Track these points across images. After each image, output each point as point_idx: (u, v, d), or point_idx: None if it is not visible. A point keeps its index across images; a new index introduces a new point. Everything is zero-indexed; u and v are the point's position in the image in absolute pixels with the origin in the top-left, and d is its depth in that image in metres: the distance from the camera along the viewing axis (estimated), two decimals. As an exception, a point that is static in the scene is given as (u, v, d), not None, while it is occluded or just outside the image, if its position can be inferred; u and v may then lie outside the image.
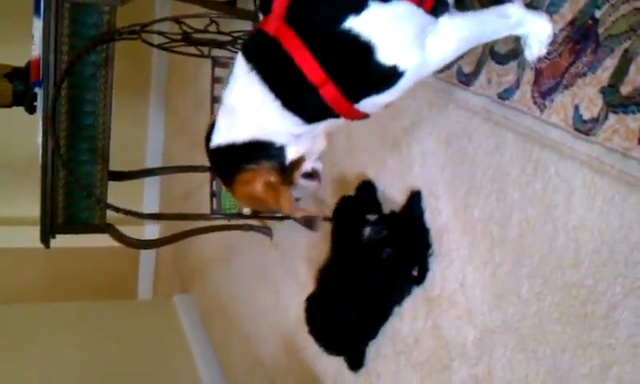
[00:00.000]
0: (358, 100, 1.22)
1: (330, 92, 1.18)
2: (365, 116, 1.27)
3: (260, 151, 1.26)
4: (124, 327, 3.88)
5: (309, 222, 1.43)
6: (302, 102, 1.21)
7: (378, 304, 1.82)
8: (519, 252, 1.42)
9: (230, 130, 1.27)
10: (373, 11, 1.14)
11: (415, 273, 1.71)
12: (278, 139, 1.25)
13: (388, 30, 1.16)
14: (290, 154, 1.27)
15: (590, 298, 1.24)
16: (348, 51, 1.16)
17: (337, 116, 1.25)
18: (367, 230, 1.75)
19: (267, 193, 1.26)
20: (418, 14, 1.18)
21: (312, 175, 1.36)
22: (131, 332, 3.85)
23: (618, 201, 1.19)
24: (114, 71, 2.55)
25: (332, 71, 1.17)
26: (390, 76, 1.19)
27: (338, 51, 1.17)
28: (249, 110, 1.24)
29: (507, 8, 1.29)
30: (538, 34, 1.31)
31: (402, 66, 1.18)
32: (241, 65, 1.23)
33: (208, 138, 1.31)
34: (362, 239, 1.76)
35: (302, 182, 1.34)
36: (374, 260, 1.72)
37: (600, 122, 1.21)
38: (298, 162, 1.30)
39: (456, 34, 1.23)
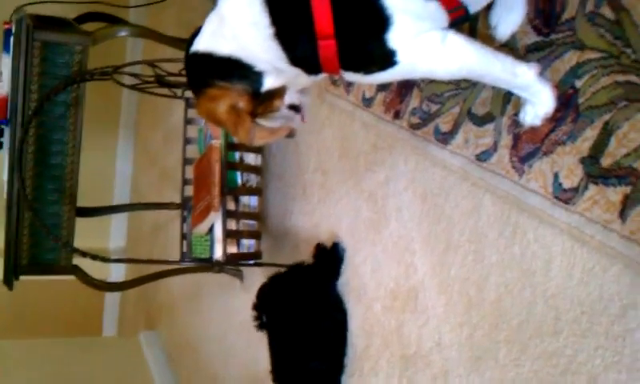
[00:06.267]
0: (348, 69, 1.17)
1: (328, 48, 1.13)
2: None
3: (236, 70, 1.19)
4: (88, 364, 3.80)
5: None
6: (296, 42, 1.15)
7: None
8: (497, 316, 1.41)
9: (212, 38, 1.21)
10: None
11: None
12: (258, 64, 1.19)
13: (411, 14, 1.09)
14: (267, 83, 1.21)
15: (570, 369, 1.23)
16: (367, 17, 1.09)
17: (318, 72, 1.20)
18: None
19: (229, 117, 1.21)
20: (441, 16, 1.12)
21: (295, 108, 1.30)
22: (96, 369, 3.76)
23: (599, 272, 1.18)
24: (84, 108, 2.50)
25: (341, 30, 1.11)
26: (385, 60, 1.13)
27: (359, 13, 1.10)
28: (238, 25, 1.17)
29: (518, 67, 1.20)
30: (537, 106, 1.24)
31: (398, 57, 1.12)
32: None
33: (190, 42, 1.25)
34: None
35: (284, 112, 1.28)
36: None
37: (580, 192, 1.20)
38: (278, 91, 1.24)
39: (462, 58, 1.15)
